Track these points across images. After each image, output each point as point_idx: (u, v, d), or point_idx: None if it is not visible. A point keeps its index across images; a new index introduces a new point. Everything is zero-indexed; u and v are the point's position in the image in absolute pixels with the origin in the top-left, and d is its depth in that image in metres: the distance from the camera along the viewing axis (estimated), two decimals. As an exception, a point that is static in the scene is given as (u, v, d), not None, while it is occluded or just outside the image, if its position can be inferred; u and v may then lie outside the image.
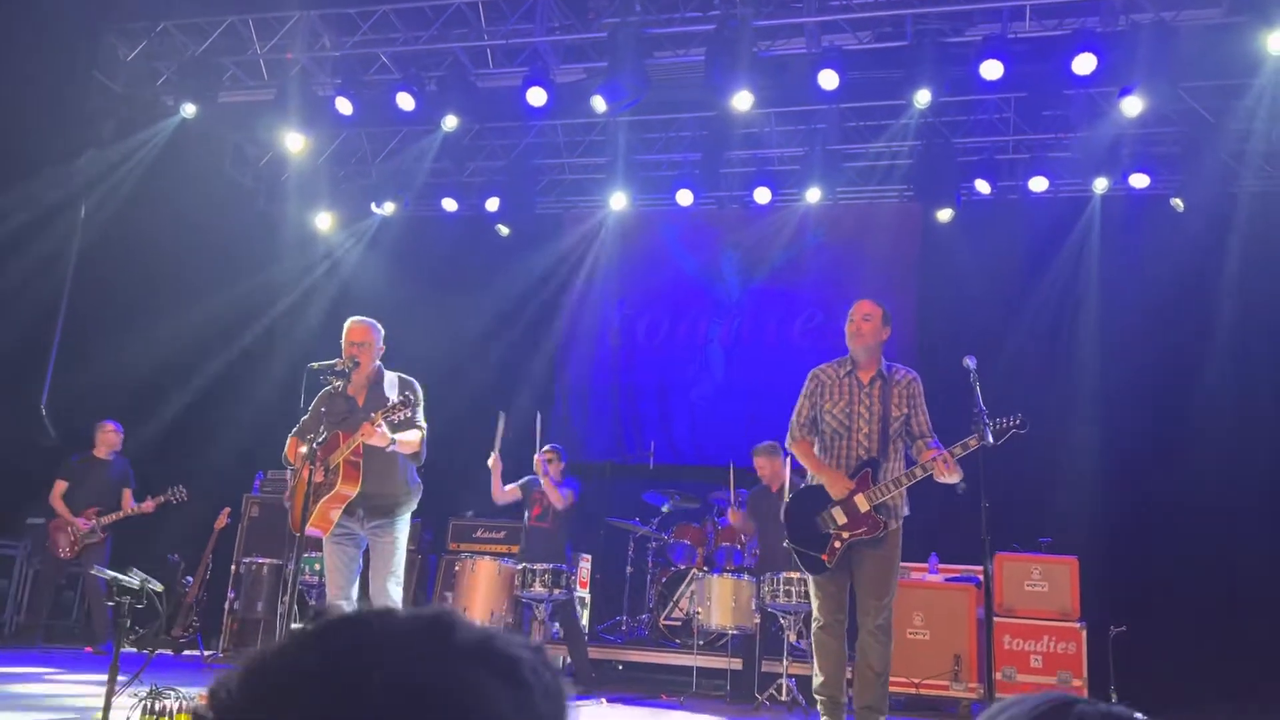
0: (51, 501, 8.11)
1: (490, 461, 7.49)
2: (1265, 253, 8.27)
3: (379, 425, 4.66)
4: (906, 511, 4.88)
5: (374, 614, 0.66)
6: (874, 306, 5.00)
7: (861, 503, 4.70)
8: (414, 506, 5.10)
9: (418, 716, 0.60)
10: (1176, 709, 6.64)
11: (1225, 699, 6.84)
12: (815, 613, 4.88)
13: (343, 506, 4.86)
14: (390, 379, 5.14)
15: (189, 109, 8.61)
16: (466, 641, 0.65)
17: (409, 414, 4.75)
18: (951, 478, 4.65)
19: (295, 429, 5.16)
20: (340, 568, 4.91)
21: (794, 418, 5.02)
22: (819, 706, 4.81)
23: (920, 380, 4.96)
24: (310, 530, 4.79)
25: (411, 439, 4.91)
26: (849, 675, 4.85)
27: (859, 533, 4.70)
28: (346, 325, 5.12)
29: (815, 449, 4.95)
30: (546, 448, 7.93)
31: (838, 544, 4.72)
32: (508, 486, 7.65)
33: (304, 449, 4.94)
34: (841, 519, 4.73)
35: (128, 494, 8.22)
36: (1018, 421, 4.64)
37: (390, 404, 4.74)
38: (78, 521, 8.03)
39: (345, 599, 4.90)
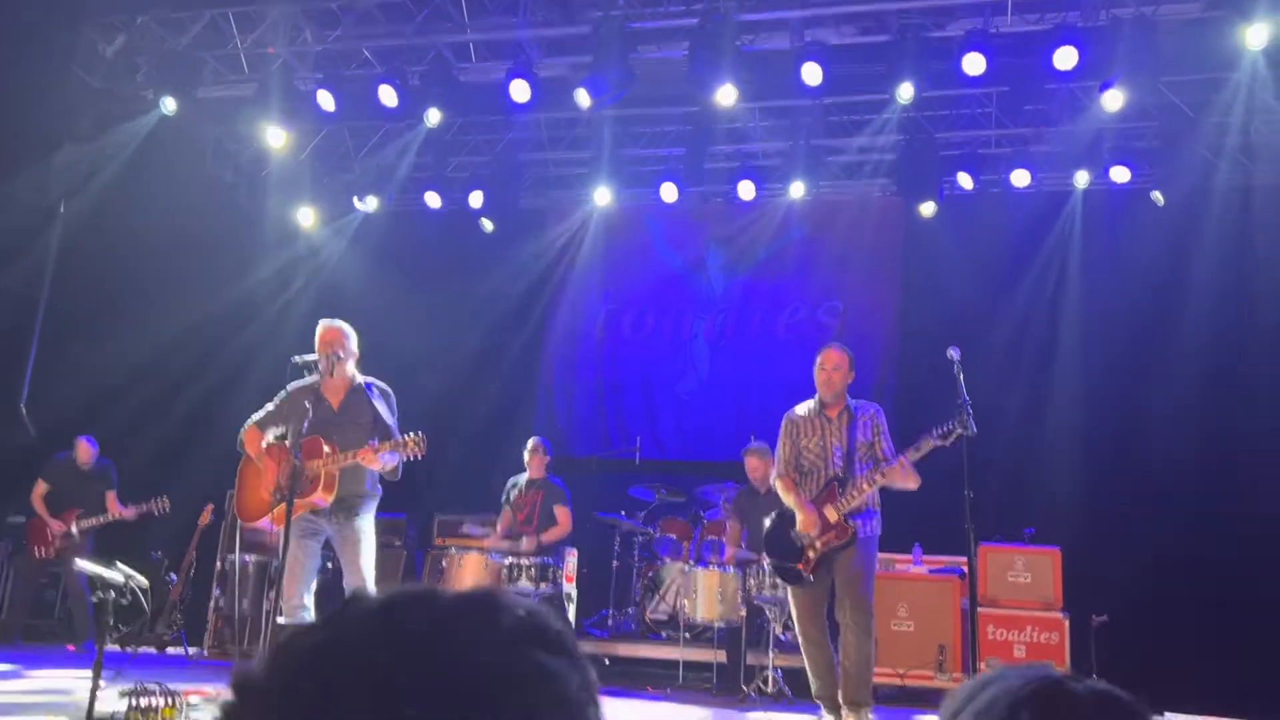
0: (32, 502, 8.07)
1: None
2: (1242, 246, 8.35)
3: (382, 454, 4.87)
4: (879, 530, 5.31)
5: (423, 594, 0.67)
6: (841, 355, 5.42)
7: (830, 513, 5.18)
8: (376, 503, 5.23)
9: (490, 701, 0.61)
10: (1158, 698, 6.70)
11: (1206, 687, 6.90)
12: (796, 624, 5.34)
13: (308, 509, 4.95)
14: (373, 388, 5.20)
15: (169, 104, 8.53)
16: (516, 619, 0.66)
17: (413, 456, 4.92)
18: (908, 483, 5.12)
19: (256, 418, 5.20)
20: (304, 563, 4.98)
21: (776, 457, 5.54)
22: (822, 709, 5.25)
23: (882, 412, 5.47)
24: (264, 523, 4.94)
25: (393, 463, 5.08)
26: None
27: (829, 538, 5.16)
28: (320, 327, 5.20)
29: (797, 481, 5.43)
30: (532, 441, 7.95)
31: (811, 553, 5.19)
32: (504, 515, 7.71)
33: (268, 439, 5.13)
34: (813, 532, 5.18)
35: (111, 496, 8.18)
36: (963, 428, 4.91)
37: (398, 440, 4.92)
38: (54, 524, 7.98)
39: (307, 592, 4.97)
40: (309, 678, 0.61)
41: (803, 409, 5.47)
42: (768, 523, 5.54)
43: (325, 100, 8.47)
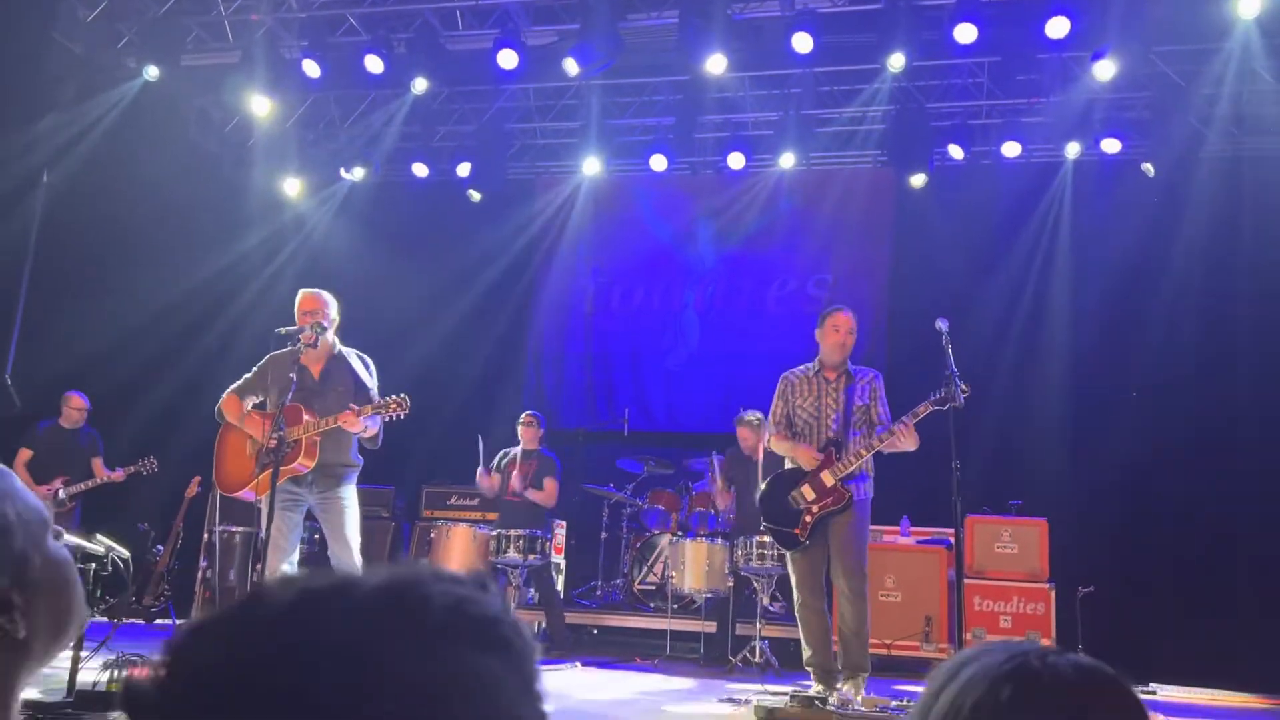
0: (14, 470, 8.00)
1: (478, 474, 7.70)
2: (1232, 216, 8.33)
3: (364, 417, 4.84)
4: (871, 493, 5.30)
5: (336, 589, 0.59)
6: (853, 318, 5.41)
7: (827, 478, 5.17)
8: (358, 473, 5.23)
9: (407, 715, 0.55)
10: (1142, 667, 6.77)
11: (1192, 659, 6.97)
12: (795, 591, 5.30)
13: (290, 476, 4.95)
14: (352, 355, 5.18)
15: (152, 72, 8.42)
16: (442, 613, 0.59)
17: (396, 416, 4.91)
18: (907, 444, 5.07)
19: (235, 386, 5.20)
20: (286, 533, 4.99)
21: (770, 417, 5.51)
22: (812, 677, 5.23)
23: (880, 377, 5.43)
24: (245, 493, 4.94)
25: (375, 428, 5.07)
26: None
27: (826, 503, 5.15)
28: (300, 295, 5.16)
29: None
30: (525, 414, 7.94)
31: (808, 518, 5.16)
32: (492, 475, 7.70)
33: (247, 408, 5.15)
34: (810, 495, 5.19)
35: (98, 463, 8.13)
36: (959, 389, 4.87)
37: (380, 401, 4.93)
38: (41, 490, 7.94)
39: (289, 563, 5.02)
40: (205, 697, 0.55)
41: (800, 369, 5.47)
42: (764, 486, 5.51)
43: (310, 68, 8.37)
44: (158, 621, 7.89)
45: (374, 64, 8.22)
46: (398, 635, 0.57)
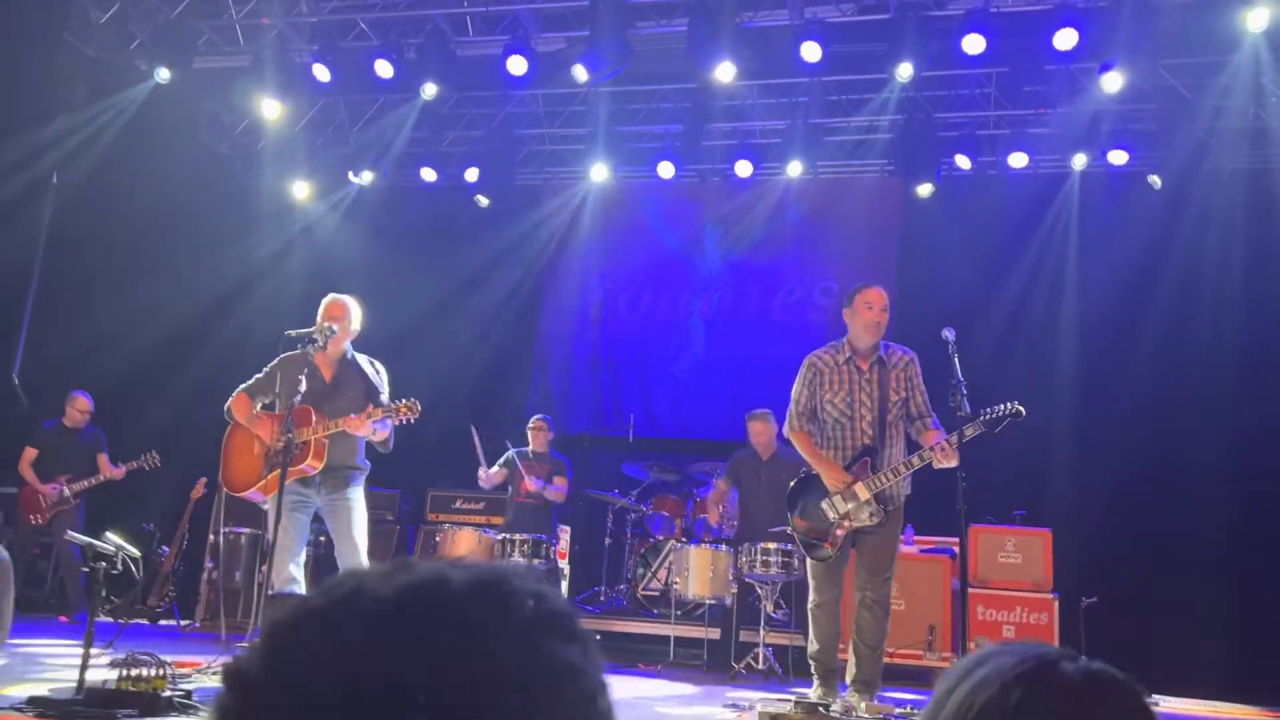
0: (20, 469, 8.05)
1: (480, 474, 7.71)
2: (1239, 230, 8.34)
3: (373, 421, 4.88)
4: (908, 491, 4.97)
5: (434, 581, 0.62)
6: (887, 295, 5.04)
7: (861, 491, 4.79)
8: (365, 476, 5.27)
9: (509, 701, 0.58)
10: (1144, 679, 6.73)
11: (1195, 671, 6.95)
12: (812, 592, 5.02)
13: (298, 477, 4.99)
14: (364, 360, 5.23)
15: (163, 74, 8.46)
16: (529, 607, 0.63)
17: (406, 420, 4.95)
18: (949, 463, 4.72)
19: (246, 385, 5.24)
20: (293, 535, 5.03)
21: (792, 406, 5.01)
22: (813, 673, 5.01)
23: (917, 360, 5.01)
24: (252, 494, 4.99)
25: (385, 431, 5.10)
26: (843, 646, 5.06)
27: (862, 519, 4.84)
28: (326, 300, 5.21)
29: (815, 439, 5.00)
30: (536, 418, 7.96)
31: (840, 532, 4.84)
32: (493, 470, 7.70)
33: (256, 408, 5.19)
34: (843, 508, 4.83)
35: (103, 459, 8.16)
36: (1012, 410, 4.74)
37: (390, 405, 4.96)
38: (47, 489, 7.97)
39: (295, 564, 5.03)
40: (314, 682, 0.57)
41: (828, 354, 4.99)
42: (793, 484, 5.12)
43: (321, 72, 8.42)
44: (162, 622, 7.91)
45: (384, 69, 8.27)
46: (496, 629, 0.60)
